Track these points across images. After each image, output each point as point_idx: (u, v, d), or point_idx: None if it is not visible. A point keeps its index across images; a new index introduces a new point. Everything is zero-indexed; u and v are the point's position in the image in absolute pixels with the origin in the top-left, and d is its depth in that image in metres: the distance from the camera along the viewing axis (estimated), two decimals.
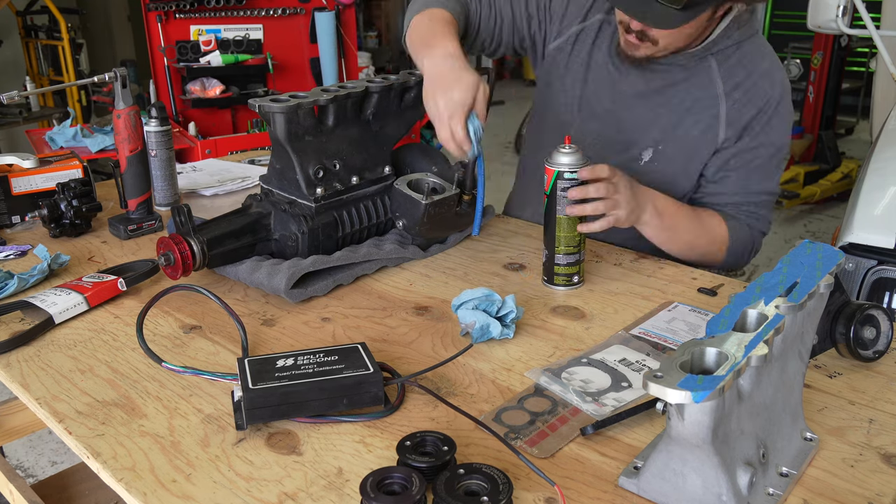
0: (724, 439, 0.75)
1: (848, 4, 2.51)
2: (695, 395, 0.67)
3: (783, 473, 0.83)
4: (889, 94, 3.12)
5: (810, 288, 0.83)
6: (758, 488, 0.80)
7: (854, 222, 1.91)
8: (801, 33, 5.98)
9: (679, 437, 0.75)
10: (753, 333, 0.76)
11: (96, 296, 1.22)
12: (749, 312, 0.81)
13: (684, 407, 0.71)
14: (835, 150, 5.10)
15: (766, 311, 0.80)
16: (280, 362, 0.95)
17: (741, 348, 0.74)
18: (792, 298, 0.81)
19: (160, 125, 1.63)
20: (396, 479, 0.78)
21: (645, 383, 0.69)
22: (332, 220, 1.33)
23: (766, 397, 0.83)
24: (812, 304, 0.87)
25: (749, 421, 0.80)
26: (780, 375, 0.85)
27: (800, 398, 0.91)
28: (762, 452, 0.82)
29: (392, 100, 1.41)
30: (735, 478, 0.77)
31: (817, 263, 0.88)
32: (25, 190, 1.57)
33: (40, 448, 2.71)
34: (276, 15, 3.85)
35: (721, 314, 0.81)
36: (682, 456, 0.77)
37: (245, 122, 3.93)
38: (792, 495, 0.81)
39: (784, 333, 0.81)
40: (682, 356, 0.74)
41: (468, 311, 1.11)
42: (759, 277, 0.87)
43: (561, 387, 1.00)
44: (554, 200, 1.25)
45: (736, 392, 0.76)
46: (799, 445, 0.88)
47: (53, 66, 5.75)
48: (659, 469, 0.79)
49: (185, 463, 0.85)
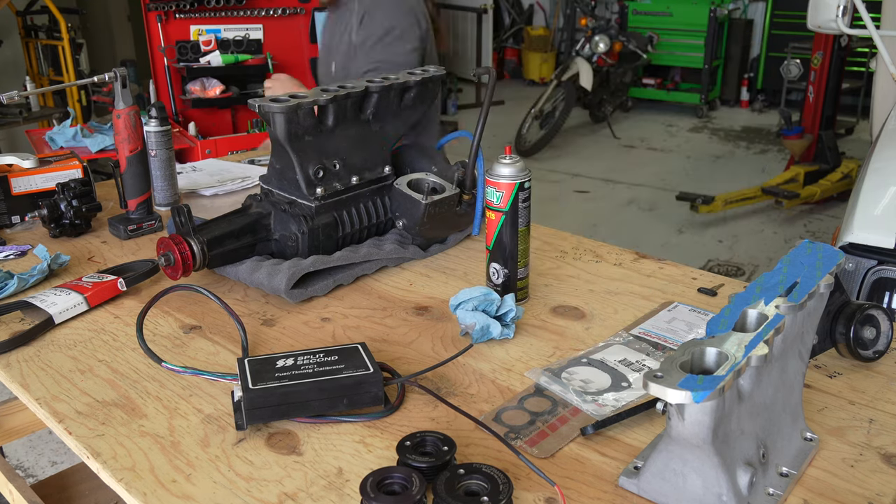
0: (725, 439, 0.75)
1: (848, 4, 2.51)
2: (695, 395, 0.67)
3: (783, 473, 0.83)
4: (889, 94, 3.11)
5: (810, 288, 0.83)
6: (758, 488, 0.80)
7: (854, 222, 1.91)
8: (801, 33, 5.99)
9: (679, 438, 0.75)
10: (753, 333, 0.76)
11: (96, 296, 1.22)
12: (749, 312, 0.81)
13: (684, 407, 0.71)
14: (835, 150, 5.10)
15: (767, 311, 0.80)
16: (280, 362, 0.95)
17: (741, 348, 0.74)
18: (792, 298, 0.81)
19: (160, 125, 1.63)
20: (396, 479, 0.78)
21: (645, 383, 0.69)
22: (332, 220, 1.33)
23: (766, 397, 0.83)
24: (812, 304, 0.87)
25: (749, 421, 0.80)
26: (780, 375, 0.85)
27: (800, 398, 0.91)
28: (762, 452, 0.82)
29: (392, 100, 1.41)
30: (735, 478, 0.77)
31: (817, 263, 0.89)
32: (25, 190, 1.57)
33: (40, 448, 2.71)
34: (276, 15, 3.85)
35: (721, 314, 0.81)
36: (683, 456, 0.77)
37: (245, 122, 3.94)
38: (792, 495, 0.81)
39: (784, 333, 0.81)
40: (682, 356, 0.74)
41: (468, 312, 1.11)
42: (760, 277, 0.87)
43: (561, 387, 1.00)
44: (515, 214, 1.19)
45: (736, 392, 0.76)
46: (799, 445, 0.88)
47: (53, 66, 5.75)
48: (659, 469, 0.79)
49: (185, 463, 0.85)
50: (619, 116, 7.55)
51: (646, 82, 8.00)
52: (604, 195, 5.42)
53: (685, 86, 7.99)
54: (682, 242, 4.60)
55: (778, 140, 6.37)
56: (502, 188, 1.17)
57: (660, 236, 4.66)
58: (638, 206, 5.19)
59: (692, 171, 5.93)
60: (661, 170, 5.96)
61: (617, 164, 6.12)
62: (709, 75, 7.63)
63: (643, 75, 7.99)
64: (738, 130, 7.16)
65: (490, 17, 8.64)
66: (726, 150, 6.53)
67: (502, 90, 8.42)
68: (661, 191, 5.46)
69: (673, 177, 5.78)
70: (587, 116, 7.37)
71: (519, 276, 1.23)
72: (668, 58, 7.84)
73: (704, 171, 5.96)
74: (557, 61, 8.88)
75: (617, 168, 6.02)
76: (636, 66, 7.42)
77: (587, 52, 6.64)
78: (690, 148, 6.59)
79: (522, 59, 9.42)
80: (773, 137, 6.69)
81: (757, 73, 7.84)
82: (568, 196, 5.40)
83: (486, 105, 1.34)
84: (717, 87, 7.94)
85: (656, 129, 7.26)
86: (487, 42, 8.73)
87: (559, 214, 5.01)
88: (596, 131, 7.14)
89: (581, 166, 6.07)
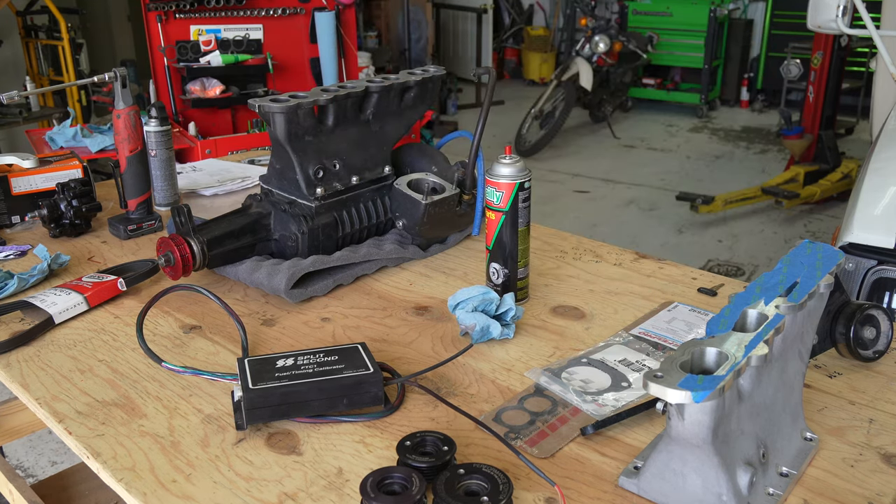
0: (725, 439, 0.75)
1: (848, 4, 2.51)
2: (695, 395, 0.67)
3: (783, 473, 0.83)
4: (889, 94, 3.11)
5: (810, 288, 0.83)
6: (758, 488, 0.80)
7: (854, 222, 1.91)
8: (801, 33, 5.99)
9: (679, 437, 0.75)
10: (753, 333, 0.76)
11: (96, 296, 1.22)
12: (749, 312, 0.81)
13: (684, 407, 0.71)
14: (835, 150, 5.10)
15: (767, 311, 0.80)
16: (280, 362, 0.95)
17: (741, 348, 0.74)
18: (792, 298, 0.81)
19: (160, 125, 1.63)
20: (396, 479, 0.78)
21: (645, 383, 0.70)
22: (332, 220, 1.33)
23: (766, 397, 0.83)
24: (812, 304, 0.87)
25: (749, 421, 0.80)
26: (780, 375, 0.85)
27: (800, 398, 0.91)
28: (762, 452, 0.82)
29: (392, 100, 1.41)
30: (735, 478, 0.77)
31: (817, 263, 0.89)
32: (25, 190, 1.57)
33: (40, 448, 2.71)
34: (276, 15, 3.85)
35: (721, 314, 0.81)
36: (683, 456, 0.77)
37: (245, 122, 3.93)
38: (792, 495, 0.81)
39: (784, 333, 0.81)
40: (682, 356, 0.74)
41: (467, 312, 1.11)
42: (759, 277, 0.87)
43: (561, 387, 1.00)
44: (515, 214, 1.19)
45: (736, 392, 0.76)
46: (799, 445, 0.88)
47: (53, 66, 5.75)
48: (659, 469, 0.79)
49: (185, 463, 0.85)
50: (619, 116, 7.55)
51: (646, 82, 8.00)
52: (604, 195, 5.42)
53: (685, 86, 7.99)
54: (682, 242, 4.60)
55: (778, 140, 6.38)
56: (502, 188, 1.17)
57: (660, 236, 4.66)
58: (638, 206, 5.19)
59: (692, 172, 5.93)
60: (661, 170, 5.96)
61: (617, 164, 6.12)
62: (709, 75, 7.63)
63: (643, 75, 7.99)
64: (738, 130, 7.16)
65: (490, 17, 8.64)
66: (726, 150, 6.53)
67: (502, 90, 8.42)
68: (661, 191, 5.46)
69: (673, 177, 5.78)
70: (587, 116, 7.37)
71: (519, 276, 1.23)
72: (668, 58, 7.84)
73: (704, 171, 5.96)
74: (557, 61, 8.88)
75: (617, 168, 6.02)
76: (636, 66, 7.42)
77: (587, 52, 6.64)
78: (690, 148, 6.60)
79: (522, 59, 9.42)
80: (773, 137, 6.69)
81: (757, 73, 7.84)
82: (568, 196, 5.40)
83: (486, 105, 1.34)
84: (717, 87, 7.94)
85: (656, 129, 7.26)
86: (487, 42, 8.73)
87: (559, 214, 5.01)
88: (596, 131, 7.14)
89: (581, 166, 6.07)
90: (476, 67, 1.76)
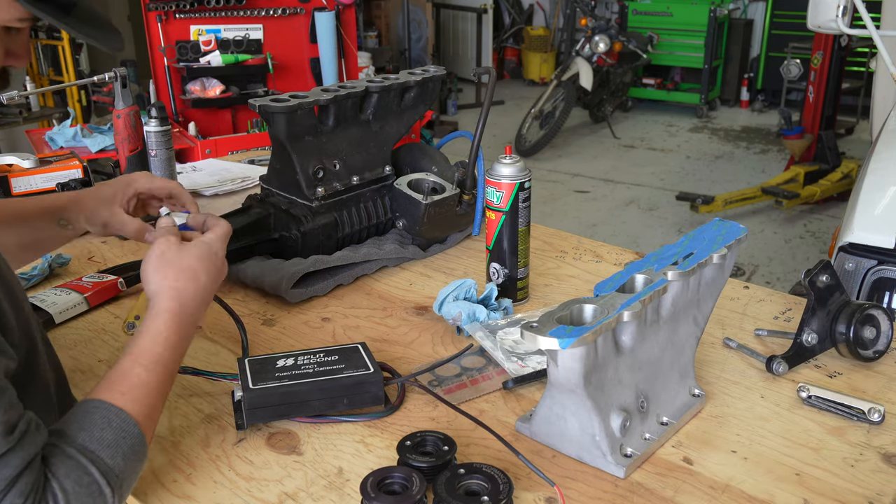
0: (599, 386, 0.82)
1: (848, 4, 2.50)
2: (562, 342, 0.75)
3: (663, 422, 0.91)
4: (889, 94, 3.11)
5: (702, 258, 0.90)
6: (634, 432, 0.87)
7: (854, 222, 1.91)
8: (801, 33, 5.98)
9: (556, 383, 0.83)
10: (632, 294, 0.84)
11: (96, 296, 1.22)
12: (637, 277, 0.88)
13: (556, 353, 0.78)
14: (835, 150, 5.10)
15: (654, 277, 0.87)
16: (280, 362, 0.95)
17: (616, 307, 0.81)
18: (681, 267, 0.88)
19: (160, 125, 1.63)
20: (397, 478, 0.78)
21: (522, 332, 0.77)
22: (332, 220, 1.33)
23: (650, 354, 0.90)
24: (709, 274, 0.94)
25: (629, 373, 0.87)
26: (669, 336, 0.92)
27: (691, 358, 0.97)
28: (641, 402, 0.89)
29: (392, 100, 1.41)
30: (609, 421, 0.84)
31: (718, 238, 0.95)
32: (25, 190, 1.57)
33: None
34: (276, 15, 3.84)
35: (611, 278, 0.88)
36: (562, 401, 0.85)
37: (245, 122, 3.93)
38: (793, 495, 0.81)
39: (675, 298, 0.88)
40: (561, 311, 0.81)
41: (450, 304, 1.12)
42: (659, 248, 0.94)
43: (492, 343, 1.05)
44: (515, 214, 1.19)
45: (612, 344, 0.83)
46: (685, 400, 0.95)
47: (53, 66, 5.75)
48: (545, 414, 0.87)
49: (185, 463, 0.85)
50: (619, 116, 7.54)
51: (646, 82, 7.99)
52: (604, 195, 5.42)
53: (685, 86, 7.98)
54: None
55: (778, 140, 6.37)
56: (502, 188, 1.17)
57: (660, 236, 4.66)
58: (638, 206, 5.18)
59: (692, 172, 5.93)
60: (661, 170, 5.96)
61: (617, 164, 6.12)
62: (709, 75, 7.62)
63: (643, 75, 7.98)
64: (738, 130, 7.15)
65: (490, 17, 8.64)
66: (726, 150, 6.53)
67: (502, 90, 8.42)
68: (661, 191, 5.46)
69: (673, 177, 5.78)
70: (587, 116, 7.36)
71: (519, 276, 1.23)
72: (668, 58, 7.83)
73: (704, 171, 5.96)
74: (557, 61, 8.88)
75: (617, 168, 6.02)
76: (636, 66, 7.42)
77: (587, 52, 6.63)
78: (690, 148, 6.59)
79: (522, 59, 9.41)
80: (773, 137, 6.69)
81: (757, 73, 7.83)
82: (568, 196, 5.40)
83: (486, 105, 1.34)
84: (717, 87, 7.94)
85: (656, 129, 7.26)
86: (487, 42, 8.72)
87: (559, 214, 5.00)
88: (596, 131, 7.13)
89: (581, 166, 6.07)
90: (476, 67, 1.75)
